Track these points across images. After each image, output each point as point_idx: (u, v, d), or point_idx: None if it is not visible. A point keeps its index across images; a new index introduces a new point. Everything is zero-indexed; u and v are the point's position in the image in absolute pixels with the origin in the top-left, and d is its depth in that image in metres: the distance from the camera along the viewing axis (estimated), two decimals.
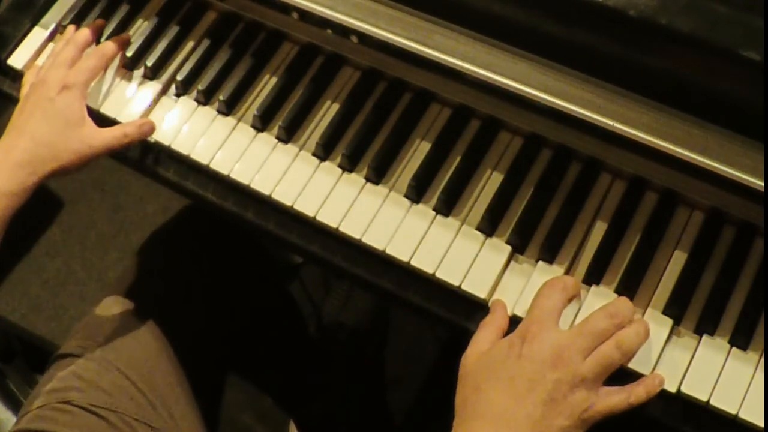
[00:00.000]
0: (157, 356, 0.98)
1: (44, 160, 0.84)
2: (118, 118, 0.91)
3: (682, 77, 0.72)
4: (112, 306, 1.02)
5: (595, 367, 0.70)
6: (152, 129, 0.90)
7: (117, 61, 0.95)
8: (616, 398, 0.70)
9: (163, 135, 0.90)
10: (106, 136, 0.87)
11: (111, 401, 0.91)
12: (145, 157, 0.92)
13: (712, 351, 0.73)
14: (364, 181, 0.85)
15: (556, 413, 0.68)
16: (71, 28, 0.97)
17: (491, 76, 0.78)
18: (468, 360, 0.73)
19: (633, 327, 0.72)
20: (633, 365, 0.73)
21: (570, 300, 0.75)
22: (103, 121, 0.91)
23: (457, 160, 0.85)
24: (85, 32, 0.94)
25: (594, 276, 0.78)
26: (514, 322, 0.76)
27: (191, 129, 0.90)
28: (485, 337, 0.74)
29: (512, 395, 0.69)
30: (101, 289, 1.15)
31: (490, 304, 0.78)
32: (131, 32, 0.97)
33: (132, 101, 0.93)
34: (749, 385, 0.72)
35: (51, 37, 0.98)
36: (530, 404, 0.68)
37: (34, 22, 0.99)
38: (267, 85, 0.92)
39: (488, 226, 0.81)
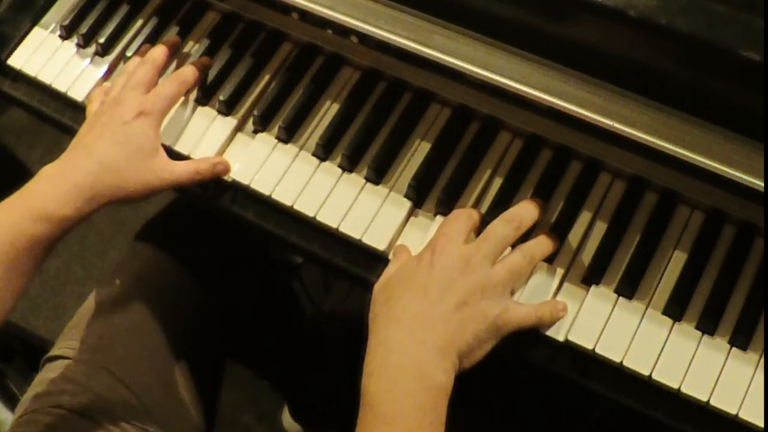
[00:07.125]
0: (151, 357, 0.95)
1: (108, 186, 0.79)
2: None
3: (682, 77, 0.72)
4: (103, 304, 0.98)
5: (503, 272, 0.73)
6: (227, 169, 0.86)
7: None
8: (524, 310, 0.73)
9: (162, 135, 0.90)
10: (178, 171, 0.83)
11: (104, 405, 0.88)
12: None
13: (712, 351, 0.73)
14: (364, 181, 0.85)
15: (470, 317, 0.70)
16: (147, 46, 0.92)
17: (491, 76, 0.78)
18: (378, 284, 0.76)
19: (536, 239, 0.77)
20: (633, 365, 0.73)
21: (474, 228, 0.78)
22: None
23: (458, 160, 0.85)
24: (161, 51, 0.89)
25: (594, 276, 0.78)
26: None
27: (191, 129, 0.90)
28: (393, 267, 0.77)
29: (426, 300, 0.70)
30: None
31: (391, 255, 0.81)
32: (131, 32, 0.97)
33: None
34: (749, 385, 0.72)
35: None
36: (443, 307, 0.70)
37: (34, 22, 0.99)
38: (267, 85, 0.92)
39: None
